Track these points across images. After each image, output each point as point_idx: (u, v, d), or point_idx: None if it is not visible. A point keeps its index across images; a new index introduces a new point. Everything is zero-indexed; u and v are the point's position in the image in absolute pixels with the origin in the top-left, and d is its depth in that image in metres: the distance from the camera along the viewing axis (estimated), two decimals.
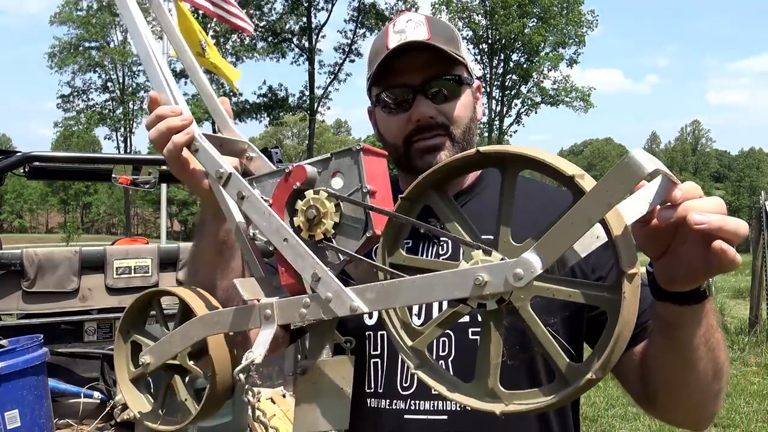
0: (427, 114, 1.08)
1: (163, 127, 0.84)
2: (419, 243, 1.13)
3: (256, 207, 0.74)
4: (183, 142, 0.83)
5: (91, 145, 60.44)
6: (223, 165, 0.79)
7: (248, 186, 0.76)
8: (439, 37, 1.08)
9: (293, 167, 0.73)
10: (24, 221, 79.03)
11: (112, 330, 3.78)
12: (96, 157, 4.70)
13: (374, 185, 0.70)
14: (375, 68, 1.10)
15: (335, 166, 0.70)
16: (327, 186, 0.71)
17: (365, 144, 0.72)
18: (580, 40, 37.43)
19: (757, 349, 7.04)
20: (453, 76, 1.11)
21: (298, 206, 0.71)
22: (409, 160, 1.12)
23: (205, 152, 0.81)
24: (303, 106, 36.30)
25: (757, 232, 7.76)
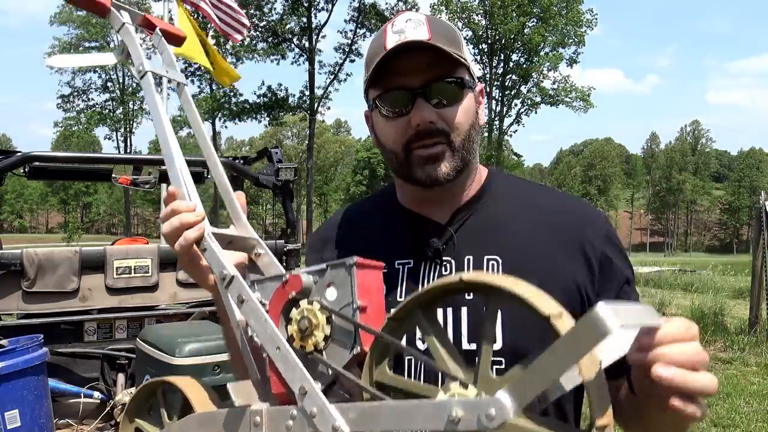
0: (427, 119, 1.02)
1: (177, 222, 0.87)
2: (421, 263, 1.09)
3: (253, 312, 0.77)
4: (194, 238, 0.85)
5: (91, 145, 60.47)
6: (227, 267, 0.81)
7: (249, 291, 0.79)
8: (441, 37, 1.02)
9: (290, 276, 0.75)
10: (24, 221, 79.01)
11: (112, 330, 3.78)
12: (96, 157, 4.70)
13: (366, 300, 0.72)
14: (372, 70, 1.03)
15: (330, 277, 0.72)
16: (322, 296, 0.73)
17: (358, 258, 0.72)
18: (580, 39, 37.44)
19: (757, 349, 7.04)
20: (455, 78, 1.04)
21: (293, 315, 0.74)
22: (410, 169, 1.06)
23: (212, 252, 0.84)
24: (303, 106, 36.29)
25: (757, 232, 7.76)
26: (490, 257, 1.05)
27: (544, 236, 1.06)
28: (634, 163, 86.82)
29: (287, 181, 4.27)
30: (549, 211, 1.10)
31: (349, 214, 1.25)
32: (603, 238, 1.08)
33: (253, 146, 75.64)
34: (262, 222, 71.85)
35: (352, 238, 1.18)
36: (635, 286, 1.11)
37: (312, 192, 41.29)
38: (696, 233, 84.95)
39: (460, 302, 1.03)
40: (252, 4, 34.63)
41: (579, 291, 1.03)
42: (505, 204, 1.11)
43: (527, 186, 1.19)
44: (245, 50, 35.60)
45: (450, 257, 1.07)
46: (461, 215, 1.10)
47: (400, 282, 1.08)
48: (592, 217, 1.10)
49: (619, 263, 1.07)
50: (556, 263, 1.04)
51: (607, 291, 1.05)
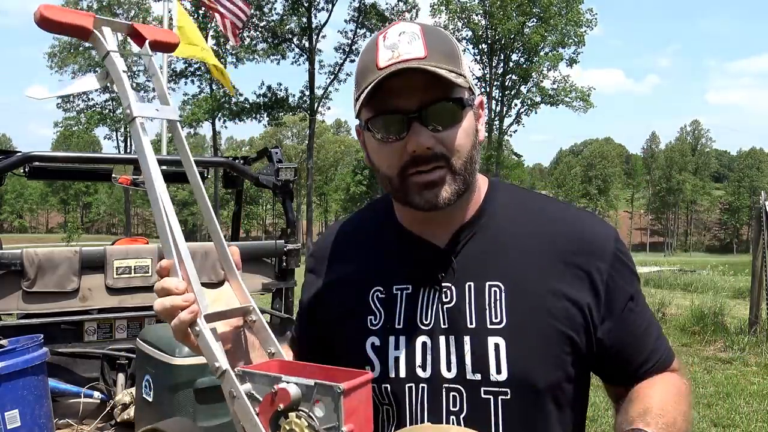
0: (424, 145, 0.94)
1: (168, 304, 0.85)
2: (420, 288, 1.04)
3: (243, 411, 0.78)
4: (188, 320, 0.84)
5: (91, 145, 60.47)
6: (218, 360, 0.81)
7: (239, 388, 0.79)
8: (437, 53, 0.95)
9: (278, 388, 0.75)
10: (24, 221, 79.02)
11: (112, 330, 3.78)
12: (96, 157, 4.71)
13: (352, 422, 0.73)
14: (363, 92, 0.95)
15: (318, 395, 0.74)
16: (310, 409, 0.74)
17: (346, 384, 0.72)
18: (580, 39, 37.44)
19: (757, 349, 7.04)
20: (453, 99, 0.96)
21: (282, 424, 0.75)
22: (406, 195, 0.99)
23: (204, 341, 0.84)
24: (303, 106, 36.30)
25: (757, 232, 7.76)
26: (492, 283, 1.01)
27: (549, 258, 1.02)
28: (634, 163, 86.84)
29: (287, 181, 4.27)
30: (553, 230, 1.05)
31: (344, 232, 1.19)
32: (610, 259, 1.02)
33: (253, 146, 75.64)
34: (262, 222, 71.87)
35: (349, 260, 1.13)
36: (641, 297, 1.08)
37: (312, 192, 41.28)
38: (696, 233, 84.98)
39: (462, 331, 1.00)
40: (252, 5, 34.61)
41: (583, 315, 1.00)
42: (506, 223, 1.06)
43: (530, 199, 1.12)
44: (245, 51, 35.62)
45: (450, 283, 1.02)
46: (462, 236, 1.05)
47: (399, 308, 1.04)
48: (600, 237, 1.04)
49: (625, 283, 1.03)
50: (560, 287, 1.00)
51: (611, 314, 1.02)
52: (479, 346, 0.98)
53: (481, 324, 0.99)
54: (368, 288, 1.07)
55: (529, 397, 0.98)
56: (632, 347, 1.04)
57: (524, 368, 0.97)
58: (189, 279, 0.86)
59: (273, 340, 0.89)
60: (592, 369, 1.08)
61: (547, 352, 0.98)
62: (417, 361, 1.01)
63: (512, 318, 0.98)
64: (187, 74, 36.16)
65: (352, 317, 1.07)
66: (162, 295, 0.87)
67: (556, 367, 0.99)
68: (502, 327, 0.98)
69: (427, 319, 1.02)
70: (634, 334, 1.04)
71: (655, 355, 1.06)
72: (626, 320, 1.04)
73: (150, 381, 2.85)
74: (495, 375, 0.97)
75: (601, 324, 1.01)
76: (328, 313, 1.12)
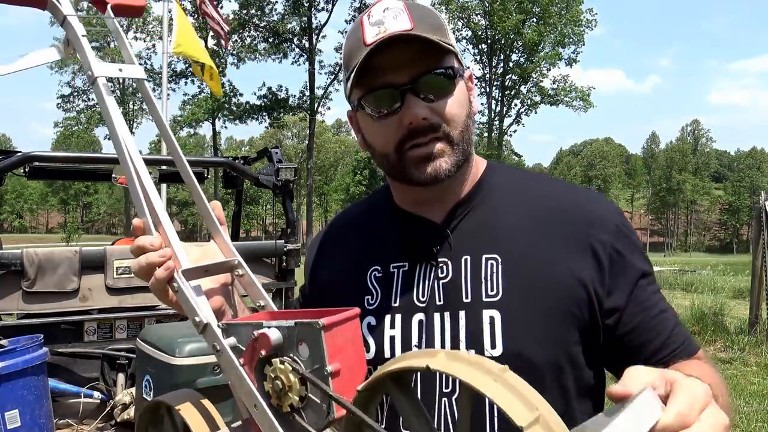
0: (420, 116, 0.93)
1: (144, 262, 0.81)
2: (416, 265, 1.02)
3: (229, 364, 0.74)
4: (164, 276, 0.80)
5: (91, 145, 60.46)
6: (199, 314, 0.77)
7: (222, 341, 0.75)
8: (424, 25, 0.93)
9: (258, 334, 0.71)
10: (24, 221, 79.02)
11: (112, 330, 3.78)
12: (96, 157, 4.70)
13: (339, 359, 0.69)
14: (353, 70, 0.94)
15: (300, 335, 0.69)
16: (295, 353, 0.70)
17: (326, 319, 0.68)
18: (579, 39, 37.46)
19: (757, 349, 7.04)
20: (444, 69, 0.95)
21: (267, 372, 0.71)
22: (404, 170, 0.98)
23: (183, 297, 0.79)
24: (303, 106, 36.32)
25: (757, 232, 7.76)
26: (488, 256, 0.98)
27: (547, 231, 0.98)
28: (634, 163, 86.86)
29: (287, 181, 4.27)
30: (553, 204, 1.01)
31: (343, 219, 1.20)
32: (613, 231, 0.98)
33: (253, 146, 75.63)
34: (262, 222, 71.87)
35: (347, 244, 1.13)
36: (656, 283, 1.01)
37: (312, 192, 41.27)
38: (696, 233, 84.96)
39: (457, 306, 0.97)
40: (253, 5, 34.65)
41: (585, 290, 0.95)
42: (503, 198, 1.04)
43: (529, 177, 1.10)
44: (246, 50, 35.64)
45: (447, 258, 1.00)
46: (458, 212, 1.03)
47: (395, 285, 1.03)
48: (601, 209, 1.00)
49: (632, 257, 0.98)
50: (558, 260, 0.96)
51: (619, 288, 0.96)
52: (474, 320, 0.95)
53: (476, 297, 0.96)
54: (366, 268, 1.06)
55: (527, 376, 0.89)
56: (647, 328, 0.96)
57: (520, 343, 0.93)
58: (166, 235, 0.83)
59: (262, 293, 0.86)
60: (602, 360, 1.00)
61: (544, 326, 0.93)
62: (413, 339, 0.99)
63: (508, 290, 0.95)
64: (187, 74, 36.17)
65: (350, 298, 1.04)
66: (138, 254, 0.83)
67: (556, 344, 0.94)
68: (498, 299, 0.95)
69: (423, 295, 1.00)
70: (648, 313, 0.97)
71: (676, 341, 0.97)
72: (639, 297, 0.97)
73: (150, 381, 2.85)
74: (489, 350, 0.93)
75: (607, 297, 0.95)
76: (327, 295, 1.11)
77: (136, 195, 0.82)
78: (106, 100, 0.83)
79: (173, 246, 0.82)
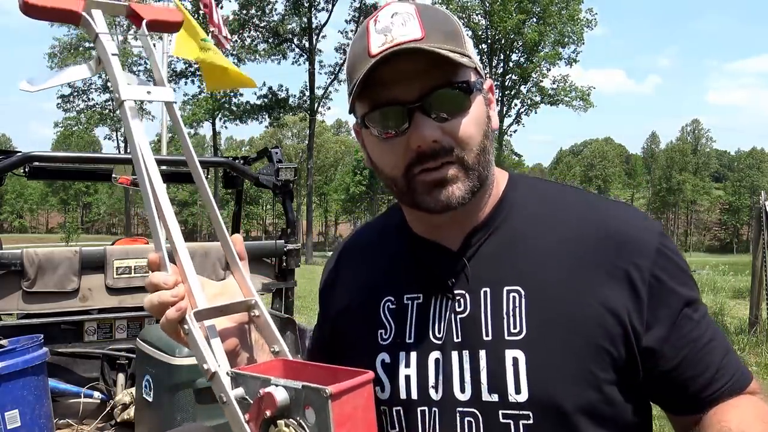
0: (430, 138, 0.83)
1: (156, 301, 0.77)
2: (431, 297, 0.93)
3: (234, 418, 0.72)
4: (175, 318, 0.75)
5: (91, 145, 60.49)
6: (207, 361, 0.74)
7: (229, 393, 0.72)
8: (437, 33, 0.83)
9: (264, 393, 0.68)
10: (24, 221, 79.00)
11: (112, 330, 3.78)
12: (96, 157, 4.70)
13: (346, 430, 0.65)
14: (355, 83, 0.84)
15: (307, 399, 0.66)
16: (302, 417, 0.66)
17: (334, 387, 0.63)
18: (579, 38, 37.46)
19: (757, 349, 7.03)
20: (458, 83, 0.84)
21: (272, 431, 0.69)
22: (414, 197, 0.88)
23: (192, 340, 0.76)
24: (303, 106, 36.32)
25: (757, 232, 7.75)
26: (510, 288, 0.88)
27: (576, 257, 0.87)
28: (634, 163, 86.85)
29: (287, 181, 4.27)
30: (583, 224, 0.90)
31: (356, 242, 1.12)
32: (652, 255, 0.86)
33: (253, 146, 75.64)
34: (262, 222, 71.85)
35: (359, 270, 1.05)
36: (703, 306, 0.90)
37: (312, 192, 41.26)
38: (696, 233, 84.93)
39: (477, 344, 0.87)
40: (253, 5, 34.64)
41: (621, 323, 0.84)
42: (527, 219, 0.92)
43: (556, 192, 0.97)
44: (246, 51, 35.64)
45: (464, 290, 0.90)
46: (476, 238, 0.92)
47: (410, 319, 0.94)
48: (638, 230, 0.88)
49: (675, 284, 0.86)
50: (589, 291, 0.85)
51: (660, 321, 0.85)
52: (496, 361, 0.85)
53: (497, 335, 0.86)
54: (379, 299, 0.98)
55: (556, 422, 0.83)
56: (694, 362, 0.86)
57: (547, 387, 0.83)
58: (183, 270, 0.79)
59: (277, 337, 0.82)
60: (647, 395, 0.90)
61: (575, 367, 0.83)
62: (430, 380, 0.89)
63: (533, 327, 0.85)
64: (187, 74, 36.17)
65: (363, 331, 0.98)
66: (151, 291, 0.78)
67: (588, 386, 0.83)
68: (522, 338, 0.85)
69: (439, 332, 0.90)
70: (694, 346, 0.86)
71: (726, 374, 0.87)
72: (683, 329, 0.86)
73: (150, 381, 2.84)
74: (514, 395, 0.83)
75: (646, 332, 0.84)
76: (341, 328, 1.04)
77: (154, 228, 0.78)
78: (131, 124, 0.79)
79: (190, 282, 0.78)
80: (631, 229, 0.88)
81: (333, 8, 35.50)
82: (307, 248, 32.73)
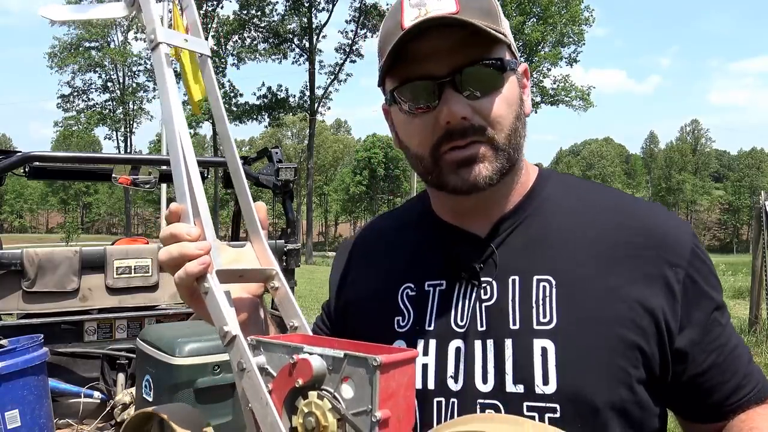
0: (459, 114, 0.80)
1: (176, 252, 0.71)
2: (455, 284, 0.89)
3: (254, 388, 0.65)
4: (195, 273, 0.70)
5: (91, 145, 60.49)
6: (228, 323, 0.68)
7: (251, 359, 0.66)
8: (472, 8, 0.80)
9: (299, 359, 0.61)
10: (24, 221, 79.01)
11: (112, 330, 3.78)
12: (96, 157, 4.71)
13: (389, 407, 0.59)
14: (387, 56, 0.81)
15: (348, 371, 0.60)
16: (336, 389, 0.60)
17: (385, 357, 0.57)
18: (579, 38, 37.44)
19: (757, 349, 7.04)
20: (492, 60, 0.82)
21: (299, 404, 0.62)
22: (440, 176, 0.85)
23: (213, 299, 0.70)
24: (303, 106, 36.34)
25: (757, 232, 7.76)
26: (541, 277, 0.84)
27: (611, 252, 0.85)
28: (633, 163, 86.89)
29: (287, 181, 4.27)
30: (619, 220, 0.87)
31: (378, 227, 1.07)
32: (688, 257, 0.84)
33: (253, 146, 75.63)
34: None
35: (377, 258, 1.00)
36: (727, 311, 0.89)
37: (312, 192, 41.29)
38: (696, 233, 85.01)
39: (502, 333, 0.83)
40: (253, 5, 34.65)
41: (655, 321, 0.81)
42: (559, 211, 0.90)
43: (590, 188, 0.95)
44: (246, 51, 35.65)
45: (490, 278, 0.87)
46: (504, 226, 0.89)
47: (430, 307, 0.89)
48: (675, 229, 0.86)
49: (707, 287, 0.85)
50: (624, 286, 0.82)
51: (693, 322, 0.83)
52: (523, 350, 0.81)
53: (526, 324, 0.82)
54: (398, 285, 0.93)
55: (585, 418, 0.79)
56: (721, 368, 0.84)
57: (578, 379, 0.79)
58: (204, 229, 0.74)
59: (297, 311, 0.76)
60: (666, 399, 0.87)
61: (607, 361, 0.80)
62: (449, 370, 0.85)
63: (564, 317, 0.81)
64: None
65: (379, 318, 0.93)
66: (169, 242, 0.73)
67: (620, 382, 0.79)
68: (552, 328, 0.81)
69: (462, 320, 0.86)
70: (722, 351, 0.85)
71: (751, 381, 0.86)
72: (712, 333, 0.84)
73: (150, 381, 2.84)
74: (541, 386, 0.79)
75: (679, 333, 0.82)
76: (353, 315, 0.99)
77: (179, 178, 0.73)
78: (165, 71, 0.75)
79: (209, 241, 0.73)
80: (668, 229, 0.86)
81: (333, 8, 35.51)
82: (307, 248, 32.75)
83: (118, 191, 58.07)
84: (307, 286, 12.92)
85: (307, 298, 11.39)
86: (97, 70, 45.42)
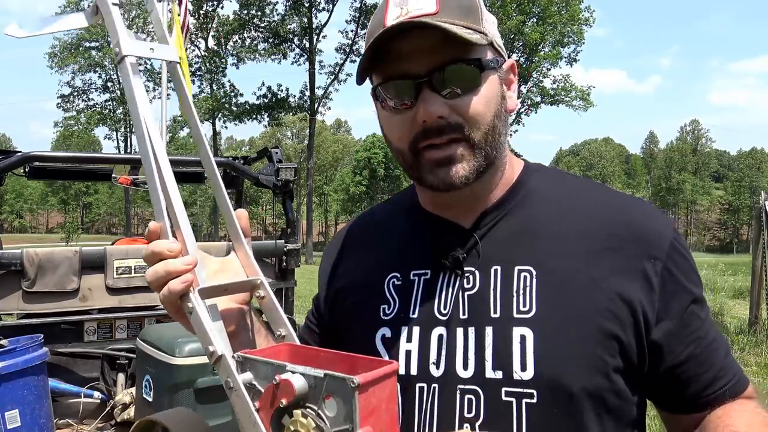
0: (435, 114, 0.83)
1: (162, 270, 0.71)
2: (439, 274, 0.91)
3: (241, 405, 0.66)
4: (179, 290, 0.70)
5: (91, 145, 60.49)
6: (212, 343, 0.69)
7: (237, 378, 0.67)
8: (452, 9, 0.82)
9: (280, 380, 0.63)
10: (24, 221, 79.01)
11: (112, 330, 3.78)
12: (96, 157, 4.71)
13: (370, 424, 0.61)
14: (365, 54, 0.85)
15: (329, 389, 0.61)
16: (320, 406, 0.62)
17: (362, 377, 0.59)
18: (579, 38, 37.44)
19: (757, 349, 7.03)
20: (469, 60, 0.83)
21: (285, 422, 0.63)
22: (420, 172, 0.88)
23: (197, 319, 0.70)
24: (303, 106, 36.33)
25: (757, 232, 7.76)
26: (522, 268, 0.87)
27: (591, 244, 0.87)
28: (633, 163, 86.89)
29: (287, 181, 4.27)
30: (598, 214, 0.90)
31: (365, 220, 1.10)
32: (667, 250, 0.86)
33: (253, 146, 75.65)
34: (262, 222, 71.85)
35: (364, 249, 1.03)
36: (707, 306, 0.91)
37: (312, 192, 41.29)
38: (696, 233, 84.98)
39: (483, 321, 0.86)
40: (253, 5, 34.65)
41: (633, 312, 0.83)
42: (542, 205, 0.92)
43: (573, 183, 0.97)
44: (246, 51, 35.65)
45: (474, 267, 0.89)
46: (490, 217, 0.92)
47: (415, 295, 0.92)
48: (656, 224, 0.88)
49: (685, 280, 0.87)
50: (603, 277, 0.84)
51: (671, 313, 0.85)
52: (502, 337, 0.84)
53: (506, 313, 0.85)
54: (384, 274, 0.96)
55: (561, 404, 0.81)
56: (698, 360, 0.86)
57: (555, 366, 0.81)
58: (185, 243, 0.73)
59: (284, 320, 0.76)
60: (645, 390, 0.89)
61: (584, 349, 0.82)
62: (431, 357, 0.88)
63: (543, 307, 0.84)
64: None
65: (365, 306, 0.96)
66: (152, 260, 0.73)
67: (596, 371, 0.82)
68: (531, 316, 0.83)
69: (445, 308, 0.89)
70: (700, 343, 0.86)
71: (727, 374, 0.88)
72: (690, 325, 0.86)
73: (150, 381, 2.84)
74: (519, 372, 0.82)
75: (656, 324, 0.84)
76: (341, 303, 1.02)
77: (155, 194, 0.72)
78: (133, 82, 0.73)
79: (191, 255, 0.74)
80: (650, 223, 0.88)
81: (333, 8, 35.51)
82: (307, 248, 32.74)
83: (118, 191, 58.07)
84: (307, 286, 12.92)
85: (307, 298, 11.39)
86: (97, 70, 45.39)
